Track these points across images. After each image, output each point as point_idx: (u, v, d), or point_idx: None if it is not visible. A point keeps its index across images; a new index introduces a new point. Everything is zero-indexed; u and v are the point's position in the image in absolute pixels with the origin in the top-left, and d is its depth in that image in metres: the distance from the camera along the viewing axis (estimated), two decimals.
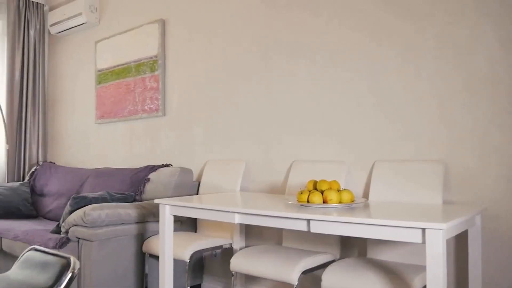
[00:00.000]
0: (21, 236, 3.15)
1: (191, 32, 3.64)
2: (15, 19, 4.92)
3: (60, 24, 4.76)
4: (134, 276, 2.93)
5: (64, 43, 5.07)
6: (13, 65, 4.88)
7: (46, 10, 5.24)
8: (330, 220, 1.83)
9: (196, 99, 3.58)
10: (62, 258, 1.47)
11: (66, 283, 1.40)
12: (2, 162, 4.79)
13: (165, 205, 2.44)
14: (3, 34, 4.89)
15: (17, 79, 4.89)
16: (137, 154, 4.07)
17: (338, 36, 2.76)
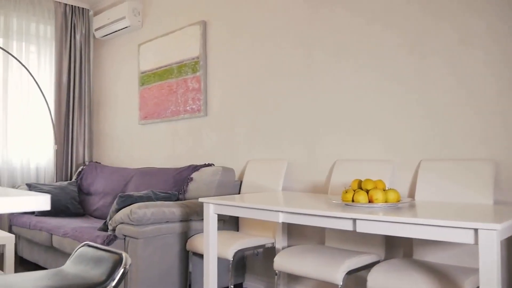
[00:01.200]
0: (70, 233, 3.26)
1: (233, 32, 3.67)
2: (62, 25, 5.10)
3: (105, 28, 4.91)
4: (178, 274, 2.98)
5: (108, 46, 5.22)
6: (60, 69, 5.07)
7: (91, 15, 5.41)
8: (377, 220, 1.80)
9: (238, 99, 3.60)
10: (115, 254, 1.52)
11: (119, 278, 1.44)
12: (51, 162, 4.98)
13: (209, 204, 2.47)
14: (51, 39, 5.08)
15: (65, 82, 5.08)
16: (179, 154, 4.14)
17: (382, 36, 2.72)
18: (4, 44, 4.70)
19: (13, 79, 4.77)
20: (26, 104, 4.85)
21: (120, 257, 1.48)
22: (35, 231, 3.73)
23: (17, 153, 4.76)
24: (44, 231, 3.60)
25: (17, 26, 4.83)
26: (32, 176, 4.87)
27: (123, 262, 1.46)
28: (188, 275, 3.02)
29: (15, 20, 4.82)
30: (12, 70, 4.76)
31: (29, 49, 4.93)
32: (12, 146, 4.73)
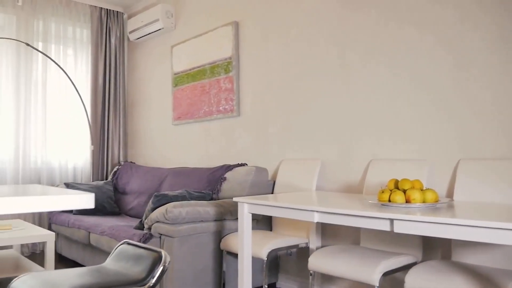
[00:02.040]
0: (108, 231, 3.34)
1: (265, 33, 3.67)
2: (98, 28, 5.23)
3: (138, 31, 5.00)
4: (212, 272, 3.00)
5: (142, 48, 5.31)
6: (96, 71, 5.20)
7: (125, 18, 5.52)
8: (415, 220, 1.77)
9: (271, 99, 3.61)
10: (154, 252, 1.55)
11: (158, 276, 1.47)
12: (87, 162, 5.10)
13: (244, 203, 2.48)
14: (87, 42, 5.21)
15: (100, 84, 5.20)
16: (212, 153, 4.17)
17: (418, 37, 2.67)
18: (43, 48, 4.85)
19: (51, 81, 4.91)
20: (64, 106, 4.99)
21: (160, 255, 1.51)
22: (74, 229, 3.84)
23: (55, 153, 4.91)
24: (82, 229, 3.70)
25: (55, 30, 4.98)
26: (70, 176, 5.00)
27: (162, 259, 1.49)
28: (222, 274, 3.04)
29: (54, 24, 4.97)
30: (51, 73, 4.91)
31: (67, 52, 5.07)
32: (51, 147, 4.88)
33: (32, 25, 4.79)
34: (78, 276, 1.52)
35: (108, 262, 1.69)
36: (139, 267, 1.52)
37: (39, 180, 4.78)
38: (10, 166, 4.60)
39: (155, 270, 1.47)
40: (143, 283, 1.44)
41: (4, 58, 4.62)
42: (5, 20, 4.67)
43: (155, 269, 1.47)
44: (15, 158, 4.61)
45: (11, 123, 4.61)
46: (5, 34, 4.65)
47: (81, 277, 1.50)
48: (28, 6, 4.75)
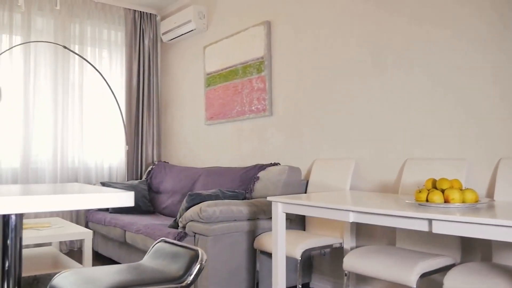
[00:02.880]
0: (143, 230, 3.39)
1: (297, 32, 3.66)
2: (132, 30, 5.33)
3: (171, 32, 5.07)
4: (246, 271, 3.01)
5: (175, 50, 5.38)
6: (130, 73, 5.30)
7: (158, 20, 5.60)
8: (455, 221, 1.72)
9: (304, 98, 3.59)
10: (191, 250, 1.56)
11: (196, 273, 1.48)
12: (122, 162, 5.21)
13: (278, 202, 2.47)
14: (121, 44, 5.32)
15: (134, 85, 5.30)
16: (245, 153, 4.19)
17: (452, 36, 2.60)
18: (80, 50, 4.98)
19: (87, 83, 5.04)
20: (100, 107, 5.11)
21: (196, 253, 1.52)
22: (110, 228, 3.92)
23: (92, 154, 5.03)
24: (118, 227, 3.77)
25: (90, 33, 5.10)
26: (106, 175, 5.12)
27: (199, 258, 1.50)
28: (256, 274, 3.05)
29: (89, 27, 5.09)
30: (87, 74, 5.04)
31: (102, 55, 5.19)
32: (88, 148, 5.00)
33: (69, 29, 4.92)
34: (117, 273, 1.55)
35: (145, 259, 1.72)
36: (176, 264, 1.54)
37: (76, 180, 4.91)
38: (48, 166, 4.74)
39: (192, 268, 1.48)
40: (180, 280, 1.46)
41: (43, 61, 4.76)
42: (44, 24, 4.82)
43: (192, 267, 1.49)
44: (53, 158, 4.75)
45: (50, 125, 4.75)
46: (43, 37, 4.80)
47: (120, 274, 1.53)
48: (65, 10, 4.88)
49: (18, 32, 4.64)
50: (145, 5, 5.41)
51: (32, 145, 4.65)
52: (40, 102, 4.73)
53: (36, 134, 4.69)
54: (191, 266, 1.49)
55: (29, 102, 4.64)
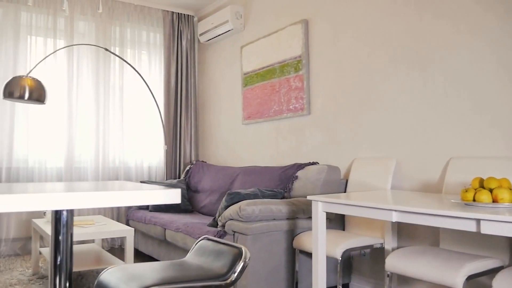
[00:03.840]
0: (182, 228, 3.44)
1: (336, 30, 3.62)
2: (170, 32, 5.41)
3: (209, 33, 5.11)
4: (285, 271, 3.00)
5: (212, 50, 5.43)
6: (169, 74, 5.38)
7: (196, 21, 5.67)
8: (505, 221, 1.66)
9: (343, 97, 3.55)
10: (234, 247, 1.57)
11: (240, 271, 1.49)
12: (161, 161, 5.30)
13: (318, 201, 2.45)
14: (160, 46, 5.41)
15: (173, 86, 5.38)
16: (283, 152, 4.18)
17: (500, 28, 2.51)
18: (120, 52, 5.10)
19: (127, 85, 5.16)
20: (139, 108, 5.21)
21: (240, 251, 1.53)
22: (150, 226, 3.99)
23: (132, 153, 5.14)
24: (158, 225, 3.84)
25: (130, 35, 5.21)
26: (145, 174, 5.22)
27: (243, 255, 1.51)
28: (295, 274, 3.04)
29: (129, 30, 5.21)
30: (127, 76, 5.15)
31: (141, 56, 5.30)
32: (128, 148, 5.11)
33: (109, 31, 5.05)
34: (162, 269, 1.58)
35: (189, 256, 1.74)
36: (220, 262, 1.55)
37: (117, 179, 5.03)
38: (91, 166, 4.88)
39: (236, 266, 1.49)
40: (224, 278, 1.47)
41: (85, 63, 4.90)
42: (86, 28, 4.96)
43: (236, 265, 1.50)
44: (95, 158, 4.88)
45: (92, 126, 4.89)
46: (85, 40, 4.94)
47: (165, 270, 1.56)
48: (105, 14, 5.01)
49: (61, 36, 4.79)
50: (182, 7, 5.48)
51: (75, 146, 4.79)
52: (83, 103, 4.87)
53: (79, 135, 4.84)
54: (234, 264, 1.50)
55: (72, 104, 4.78)
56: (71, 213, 1.29)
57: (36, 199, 1.06)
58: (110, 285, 1.51)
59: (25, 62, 4.58)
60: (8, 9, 4.51)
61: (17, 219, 4.53)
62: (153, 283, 1.41)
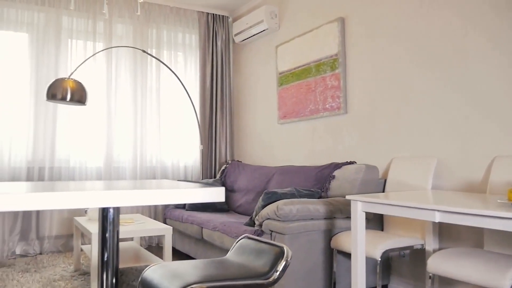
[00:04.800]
0: (219, 227, 3.46)
1: (372, 28, 3.57)
2: (205, 33, 5.46)
3: (243, 33, 5.13)
4: (322, 271, 2.98)
5: (247, 50, 5.44)
6: (204, 74, 5.43)
7: (230, 21, 5.70)
8: None
9: (380, 95, 3.49)
10: (276, 246, 1.57)
11: (282, 270, 1.48)
12: (197, 161, 5.35)
13: (357, 201, 2.42)
14: (195, 47, 5.47)
15: (208, 86, 5.43)
16: (319, 152, 4.15)
17: None
18: (156, 54, 5.18)
19: (164, 85, 5.24)
20: (175, 109, 5.29)
21: (282, 250, 1.53)
22: (187, 224, 4.04)
23: (168, 153, 5.21)
24: (195, 224, 3.88)
25: (166, 37, 5.29)
26: (181, 173, 5.28)
27: (285, 254, 1.50)
28: (333, 274, 3.01)
29: (165, 32, 5.29)
30: (163, 77, 5.24)
31: (177, 58, 5.37)
32: (165, 147, 5.19)
33: (146, 34, 5.14)
34: (204, 267, 1.59)
35: (230, 255, 1.75)
36: (261, 260, 1.55)
37: (154, 178, 5.11)
38: (129, 165, 4.98)
39: (278, 264, 1.49)
40: (266, 276, 1.46)
41: (123, 65, 5.01)
42: (123, 30, 5.06)
43: (278, 264, 1.49)
44: (133, 158, 4.98)
45: (130, 126, 4.99)
46: (123, 43, 5.05)
47: (207, 268, 1.57)
48: (143, 16, 5.11)
49: (100, 39, 4.91)
50: (217, 8, 5.53)
51: (114, 146, 4.90)
52: (121, 105, 4.98)
53: (117, 135, 4.94)
54: (276, 263, 1.50)
55: (111, 105, 4.89)
56: (117, 210, 1.32)
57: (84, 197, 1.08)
58: (153, 282, 1.53)
59: (66, 65, 4.72)
60: (50, 14, 4.66)
61: (59, 217, 4.67)
62: (196, 281, 1.42)
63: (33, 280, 3.49)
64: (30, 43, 4.59)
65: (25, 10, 4.55)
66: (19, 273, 3.71)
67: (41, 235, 4.58)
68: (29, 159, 4.54)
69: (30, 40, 4.59)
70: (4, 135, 4.40)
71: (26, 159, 4.51)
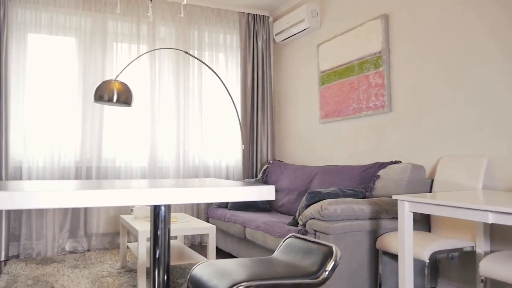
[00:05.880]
0: (262, 226, 3.47)
1: (418, 23, 3.48)
2: (246, 33, 5.49)
3: (284, 32, 5.13)
4: (368, 272, 2.93)
5: (288, 49, 5.43)
6: (245, 74, 5.46)
7: (271, 21, 5.70)
8: None
9: (426, 93, 3.40)
10: (324, 246, 1.55)
11: (331, 269, 1.47)
12: (239, 161, 5.39)
13: (404, 201, 2.37)
14: (237, 48, 5.51)
15: (249, 86, 5.45)
16: (362, 151, 4.09)
17: None
18: (198, 55, 5.25)
19: (206, 86, 5.30)
20: (217, 109, 5.34)
21: (330, 249, 1.51)
22: (230, 224, 4.07)
23: (210, 153, 5.27)
24: (238, 223, 3.90)
25: (208, 38, 5.36)
26: (223, 173, 5.33)
27: (333, 254, 1.49)
28: (379, 276, 2.95)
29: (207, 33, 5.35)
30: (205, 78, 5.30)
31: (218, 58, 5.42)
32: (207, 147, 5.25)
33: (188, 35, 5.22)
34: (252, 266, 1.59)
35: (277, 254, 1.74)
36: (309, 260, 1.54)
37: (196, 177, 5.18)
38: (172, 165, 5.06)
39: (327, 264, 1.47)
40: (315, 276, 1.45)
41: (166, 67, 5.11)
42: (166, 33, 5.16)
43: (327, 263, 1.48)
44: (176, 158, 5.07)
45: (173, 127, 5.08)
46: (166, 45, 5.14)
47: (255, 267, 1.57)
48: (185, 18, 5.19)
49: (144, 42, 5.03)
50: (258, 8, 5.54)
51: (158, 146, 5.00)
52: (164, 105, 5.07)
53: (161, 135, 5.04)
54: (325, 262, 1.48)
55: (154, 106, 5.00)
56: (168, 208, 1.34)
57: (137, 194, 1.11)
58: (202, 279, 1.55)
59: (112, 67, 4.86)
60: (97, 19, 4.80)
61: (105, 215, 4.81)
62: (245, 279, 1.43)
63: (83, 276, 3.61)
64: (78, 47, 4.74)
65: (73, 16, 4.72)
66: (69, 269, 3.85)
67: (89, 233, 4.73)
68: (77, 159, 4.70)
69: (77, 44, 4.75)
70: (54, 136, 4.57)
71: (75, 159, 4.68)
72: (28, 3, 4.52)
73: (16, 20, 4.50)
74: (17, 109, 4.48)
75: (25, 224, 4.47)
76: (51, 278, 3.57)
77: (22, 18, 4.53)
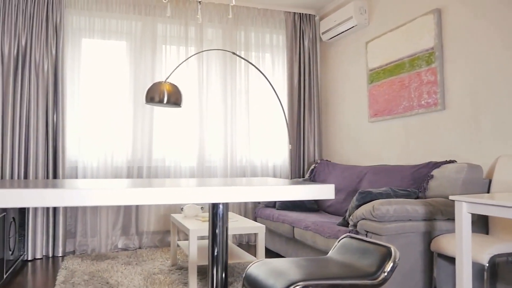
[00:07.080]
0: (312, 226, 3.44)
1: (473, 18, 3.35)
2: (292, 32, 5.47)
3: (331, 31, 5.07)
4: (421, 275, 2.85)
5: (334, 48, 5.37)
6: (291, 74, 5.44)
7: (317, 20, 5.66)
8: None
9: (483, 89, 3.27)
10: (382, 246, 1.52)
11: (390, 271, 1.44)
12: (286, 160, 5.38)
13: (462, 202, 2.29)
14: (283, 47, 5.50)
15: (296, 86, 5.43)
16: (413, 150, 3.98)
17: None
18: (245, 55, 5.29)
19: (252, 86, 5.33)
20: (264, 109, 5.35)
21: (389, 250, 1.48)
22: (278, 223, 4.07)
23: (257, 153, 5.29)
24: (286, 223, 3.90)
25: (254, 38, 5.38)
26: (270, 173, 5.34)
27: (392, 255, 1.46)
28: (433, 280, 2.87)
29: (253, 34, 5.38)
30: (252, 78, 5.32)
31: (265, 59, 5.43)
32: (254, 147, 5.28)
33: (235, 36, 5.26)
34: (308, 266, 1.58)
35: (332, 254, 1.73)
36: (367, 260, 1.52)
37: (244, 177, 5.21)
38: (220, 164, 5.12)
39: (385, 265, 1.44)
40: (374, 276, 1.43)
41: (213, 68, 5.17)
42: (213, 34, 5.23)
43: (385, 264, 1.45)
44: (224, 157, 5.12)
45: (221, 127, 5.13)
46: (213, 46, 5.21)
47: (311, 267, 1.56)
48: (231, 19, 5.23)
49: (192, 44, 5.11)
50: (304, 7, 5.51)
51: (206, 146, 5.07)
52: (212, 106, 5.14)
53: (209, 136, 5.11)
54: (383, 263, 1.45)
55: (202, 107, 5.07)
56: (226, 206, 1.36)
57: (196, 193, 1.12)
58: (258, 278, 1.56)
59: (161, 69, 4.97)
60: (147, 22, 4.93)
61: (156, 214, 4.92)
62: (302, 279, 1.42)
63: (135, 273, 3.71)
64: (129, 50, 4.88)
65: (124, 20, 4.86)
66: (122, 265, 3.97)
67: (140, 231, 4.86)
68: (129, 159, 4.84)
69: (128, 48, 4.89)
70: (107, 137, 4.73)
71: (126, 159, 4.82)
72: (82, 9, 4.69)
73: (71, 26, 4.69)
74: (72, 112, 4.66)
75: (80, 221, 4.65)
76: (106, 274, 3.69)
77: (77, 24, 4.71)
